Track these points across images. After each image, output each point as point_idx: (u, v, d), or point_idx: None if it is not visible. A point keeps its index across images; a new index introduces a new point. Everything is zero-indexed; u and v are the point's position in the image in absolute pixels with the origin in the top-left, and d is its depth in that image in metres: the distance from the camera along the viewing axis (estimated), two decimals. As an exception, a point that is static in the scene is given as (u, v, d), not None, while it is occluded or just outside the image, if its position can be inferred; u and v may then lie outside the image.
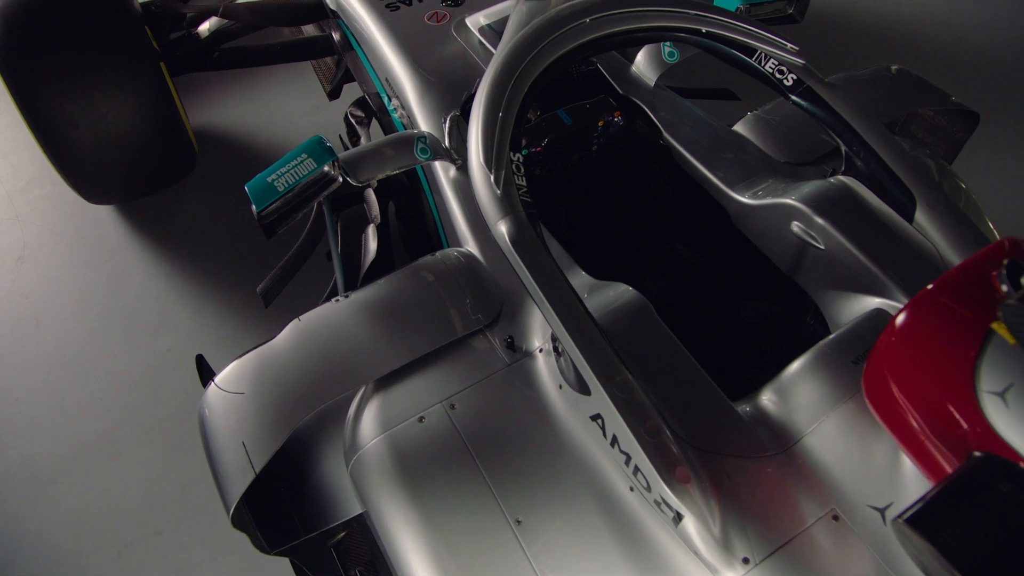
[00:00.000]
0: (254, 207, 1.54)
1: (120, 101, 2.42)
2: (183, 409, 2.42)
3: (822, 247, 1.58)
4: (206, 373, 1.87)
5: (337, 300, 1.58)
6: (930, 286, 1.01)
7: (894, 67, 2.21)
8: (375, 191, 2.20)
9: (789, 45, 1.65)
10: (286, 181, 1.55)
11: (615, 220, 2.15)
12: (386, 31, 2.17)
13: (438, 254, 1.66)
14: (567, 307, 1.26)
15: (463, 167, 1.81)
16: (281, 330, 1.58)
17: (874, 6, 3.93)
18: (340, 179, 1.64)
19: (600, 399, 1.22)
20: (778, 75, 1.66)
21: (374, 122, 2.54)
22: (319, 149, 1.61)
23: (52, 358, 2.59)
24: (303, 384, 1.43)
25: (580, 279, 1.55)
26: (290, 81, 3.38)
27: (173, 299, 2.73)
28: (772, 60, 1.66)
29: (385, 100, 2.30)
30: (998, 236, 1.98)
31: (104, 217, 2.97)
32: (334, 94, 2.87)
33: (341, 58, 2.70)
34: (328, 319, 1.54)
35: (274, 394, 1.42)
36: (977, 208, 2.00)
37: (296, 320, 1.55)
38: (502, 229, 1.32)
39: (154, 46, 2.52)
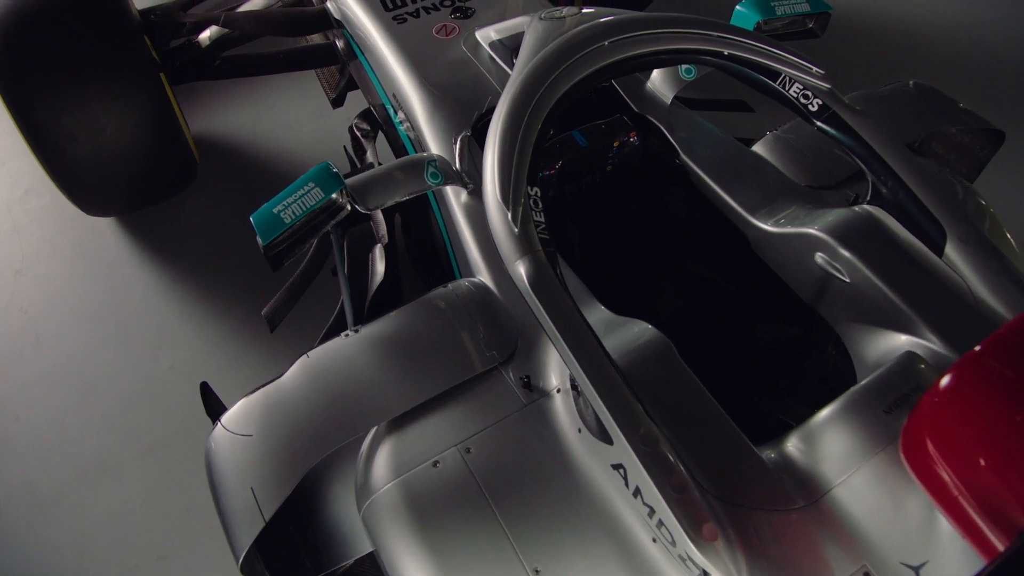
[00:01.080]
0: (260, 240, 1.48)
1: (119, 114, 2.36)
2: (186, 428, 2.38)
3: (847, 280, 1.53)
4: (211, 401, 1.83)
5: (347, 335, 1.53)
6: (978, 347, 0.96)
7: (912, 82, 2.16)
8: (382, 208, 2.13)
9: (815, 69, 1.59)
10: (293, 212, 1.50)
11: (629, 239, 2.09)
12: (393, 45, 2.11)
13: (450, 286, 1.61)
14: (589, 354, 1.21)
15: (475, 191, 1.75)
16: (286, 358, 1.53)
17: (878, 5, 3.85)
18: (348, 207, 1.59)
19: (623, 451, 1.18)
20: (803, 100, 1.60)
21: (379, 135, 2.47)
22: (327, 177, 1.55)
23: (52, 375, 2.54)
24: (313, 427, 1.39)
25: (599, 314, 1.50)
26: (292, 86, 3.30)
27: (175, 314, 2.68)
28: (797, 84, 1.60)
29: (391, 113, 2.24)
30: (1017, 250, 1.93)
31: (103, 228, 2.91)
32: (338, 102, 2.80)
33: (345, 67, 2.63)
34: (338, 356, 1.49)
35: (283, 437, 1.38)
36: (999, 226, 1.95)
37: (304, 356, 1.50)
38: (520, 270, 1.27)
39: (154, 56, 2.45)
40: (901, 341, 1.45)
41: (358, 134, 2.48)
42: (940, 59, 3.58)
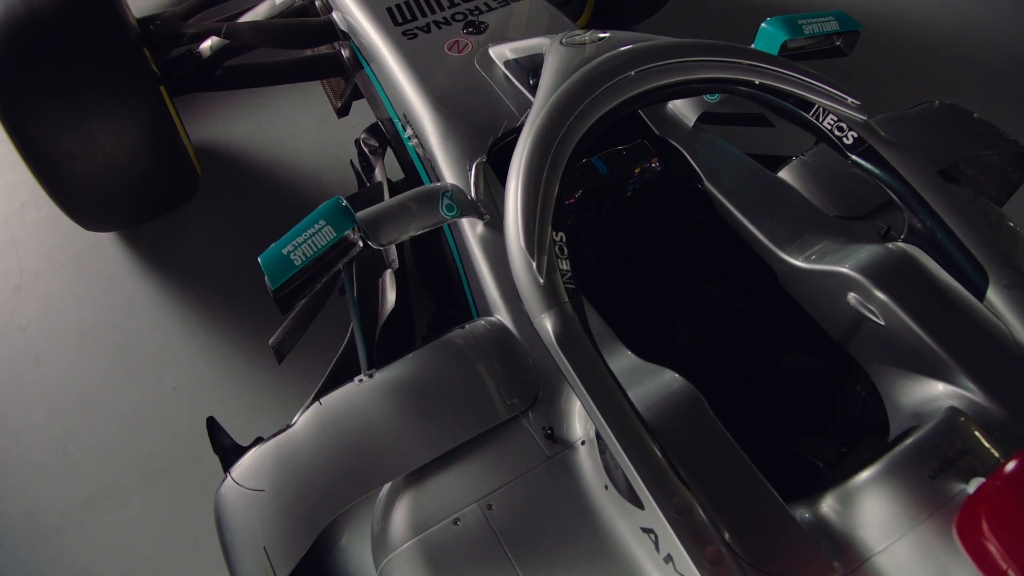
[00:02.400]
0: (269, 284, 1.42)
1: (118, 130, 2.28)
2: (192, 454, 2.32)
3: (881, 323, 1.47)
4: (218, 436, 1.77)
5: (360, 380, 1.47)
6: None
7: (938, 102, 2.08)
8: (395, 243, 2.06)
9: (850, 100, 1.52)
10: (303, 253, 1.43)
11: (648, 265, 2.03)
12: (404, 62, 2.03)
13: (467, 327, 1.54)
14: (620, 417, 1.15)
15: (491, 222, 1.68)
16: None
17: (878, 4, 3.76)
18: (360, 243, 1.52)
19: (655, 518, 1.12)
20: (837, 132, 1.53)
21: (387, 151, 2.40)
22: (338, 214, 1.48)
23: (53, 397, 2.48)
24: (328, 481, 1.33)
25: (624, 359, 1.44)
26: (294, 94, 3.21)
27: (178, 332, 2.62)
28: (831, 115, 1.53)
29: (399, 129, 2.16)
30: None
31: (104, 242, 2.84)
32: (343, 111, 2.72)
33: (351, 76, 2.55)
34: (352, 404, 1.43)
35: (296, 493, 1.32)
36: None
37: (317, 404, 1.44)
38: (546, 324, 1.21)
39: (153, 69, 2.37)
40: (939, 390, 1.39)
41: (366, 150, 2.40)
42: (940, 56, 3.49)
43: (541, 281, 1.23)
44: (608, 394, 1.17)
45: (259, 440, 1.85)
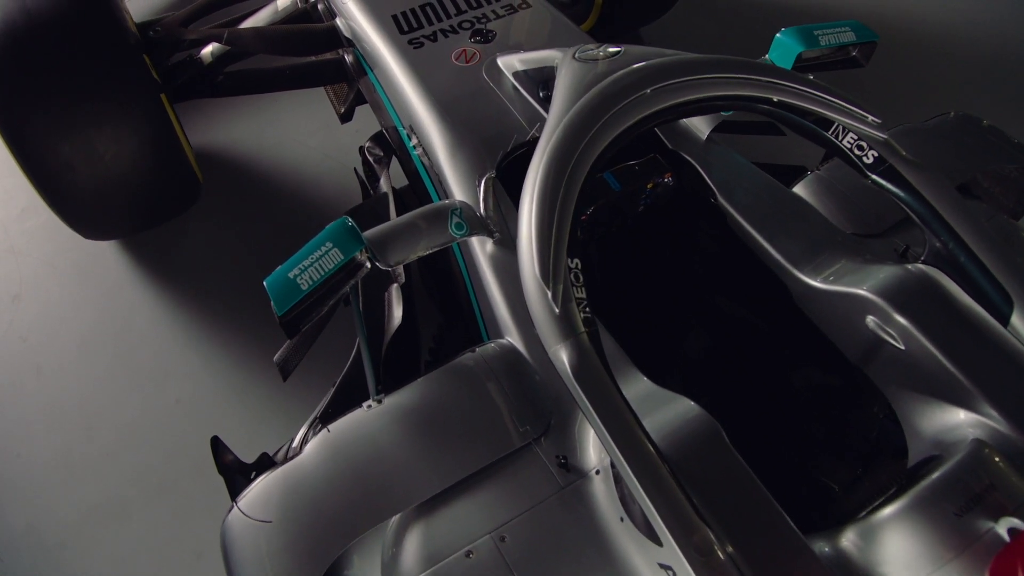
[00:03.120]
0: (275, 310, 1.38)
1: (118, 139, 2.23)
2: (196, 467, 2.29)
3: (901, 347, 1.43)
4: (223, 456, 1.74)
5: (368, 406, 1.44)
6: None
7: (953, 113, 2.04)
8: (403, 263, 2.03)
9: (870, 118, 1.48)
10: (310, 277, 1.39)
11: (659, 279, 1.99)
12: (410, 73, 1.98)
13: (478, 351, 1.51)
14: (638, 452, 1.12)
15: (501, 240, 1.65)
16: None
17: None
18: (368, 264, 1.48)
19: (674, 555, 1.09)
20: (857, 151, 1.49)
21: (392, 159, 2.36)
22: (346, 236, 1.44)
23: (54, 409, 2.45)
24: (336, 512, 1.30)
25: (640, 385, 1.41)
26: (296, 97, 3.14)
27: (181, 343, 2.58)
28: (851, 134, 1.49)
29: (404, 139, 2.12)
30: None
31: (104, 250, 2.80)
32: (346, 116, 2.67)
33: (355, 82, 2.50)
34: (360, 432, 1.40)
35: (305, 524, 1.29)
36: None
37: (325, 431, 1.41)
38: (562, 356, 1.18)
39: (154, 76, 2.32)
40: (960, 418, 1.36)
41: (370, 159, 2.36)
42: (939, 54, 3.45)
43: (556, 311, 1.19)
44: (626, 429, 1.14)
45: (264, 456, 1.82)
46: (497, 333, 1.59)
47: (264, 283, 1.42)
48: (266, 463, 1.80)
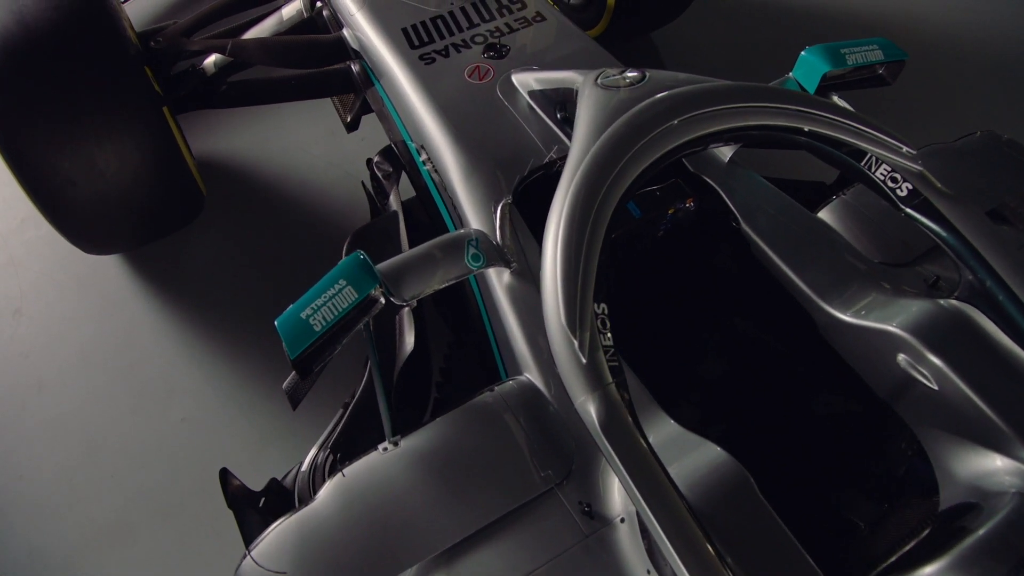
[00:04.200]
0: (288, 352, 1.33)
1: (120, 155, 2.17)
2: (202, 488, 2.25)
3: (934, 387, 1.39)
4: (232, 488, 1.69)
5: (385, 448, 1.39)
6: None
7: (979, 132, 1.98)
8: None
9: (905, 148, 1.43)
10: (324, 317, 1.34)
11: (680, 304, 1.94)
12: (422, 91, 1.92)
13: (496, 391, 1.46)
14: (668, 508, 1.08)
15: (519, 271, 1.59)
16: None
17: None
18: (382, 300, 1.43)
19: None
20: (890, 183, 1.44)
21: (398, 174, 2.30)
22: (359, 273, 1.39)
23: (56, 427, 2.41)
24: (352, 563, 1.26)
25: (666, 428, 1.36)
26: (300, 103, 3.04)
27: (185, 359, 2.53)
28: (884, 165, 1.43)
29: (414, 154, 2.06)
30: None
31: (106, 263, 2.74)
32: (352, 126, 2.61)
33: (362, 93, 2.43)
34: (376, 477, 1.35)
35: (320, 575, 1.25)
36: None
37: (340, 476, 1.36)
38: (590, 409, 1.13)
39: (155, 89, 2.25)
40: (998, 465, 1.32)
41: (379, 174, 2.30)
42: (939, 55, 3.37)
43: (583, 360, 1.15)
44: (655, 484, 1.10)
45: (273, 482, 1.78)
46: (515, 368, 1.54)
47: (275, 323, 1.37)
48: (275, 489, 1.76)
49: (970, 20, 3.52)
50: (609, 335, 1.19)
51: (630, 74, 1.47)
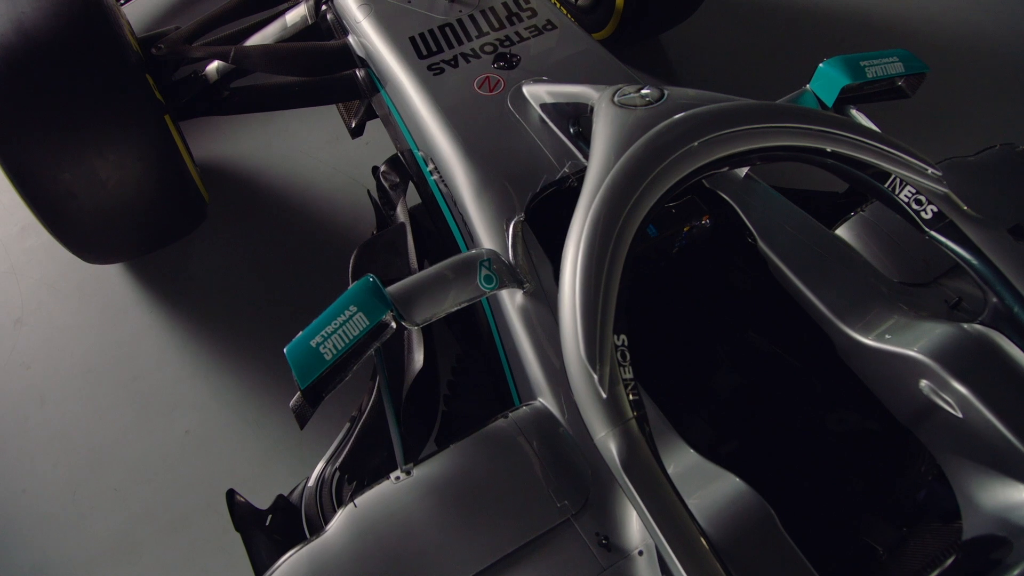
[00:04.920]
0: (298, 382, 1.30)
1: (121, 165, 2.13)
2: (207, 503, 2.23)
3: (959, 415, 1.36)
4: (240, 511, 1.66)
5: (397, 477, 1.36)
6: None
7: (998, 145, 1.94)
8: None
9: (930, 170, 1.39)
10: (334, 345, 1.30)
11: (694, 319, 1.90)
12: (431, 103, 1.88)
13: (511, 416, 1.43)
14: (690, 546, 1.05)
15: (532, 291, 1.56)
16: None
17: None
18: (393, 324, 1.39)
19: None
20: (915, 205, 1.40)
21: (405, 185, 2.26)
22: (370, 299, 1.35)
23: (59, 441, 2.38)
24: (365, 597, 1.23)
25: (687, 457, 1.33)
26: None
27: (189, 370, 2.50)
28: (909, 187, 1.40)
29: (421, 164, 2.02)
30: None
31: (108, 271, 2.71)
32: (357, 131, 2.57)
33: (367, 99, 2.39)
34: (389, 507, 1.32)
35: (332, 611, 1.23)
36: None
37: (352, 506, 1.33)
38: (610, 446, 1.10)
39: (157, 97, 2.21)
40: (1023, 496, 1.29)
41: (385, 184, 2.26)
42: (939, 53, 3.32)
43: (603, 395, 1.11)
44: (676, 521, 1.07)
45: (280, 499, 1.75)
46: (528, 392, 1.51)
47: (285, 351, 1.33)
48: (281, 506, 1.74)
49: (984, 22, 3.46)
50: (629, 367, 1.16)
51: (648, 91, 1.43)
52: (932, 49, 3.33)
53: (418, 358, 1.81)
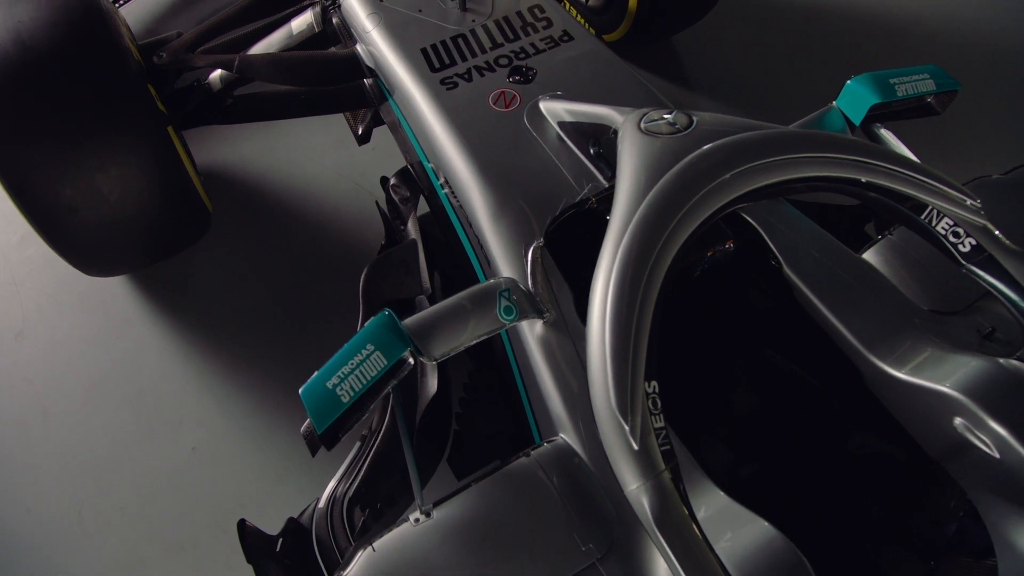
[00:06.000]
0: (315, 426, 1.25)
1: (124, 179, 2.07)
2: (215, 523, 2.20)
3: (996, 455, 1.32)
4: (251, 540, 1.62)
5: (416, 520, 1.32)
6: None
7: None
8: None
9: (969, 201, 1.33)
10: (352, 387, 1.26)
11: (716, 341, 1.86)
12: (446, 120, 1.82)
13: (533, 455, 1.38)
14: None
15: (552, 321, 1.51)
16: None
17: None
18: (411, 360, 1.35)
19: None
20: (952, 237, 1.35)
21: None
22: (389, 338, 1.30)
23: (64, 457, 2.34)
24: (386, 649, 1.20)
25: (716, 500, 1.29)
26: (309, 111, 2.98)
27: (195, 385, 2.46)
28: (946, 219, 1.35)
29: (432, 178, 1.97)
30: None
31: (111, 283, 2.65)
32: (364, 138, 2.51)
33: (376, 109, 2.33)
34: (408, 552, 1.28)
35: (352, 662, 1.19)
36: None
37: (369, 550, 1.28)
38: (643, 501, 1.06)
39: (159, 108, 2.14)
40: None
41: (395, 198, 2.20)
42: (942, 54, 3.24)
43: (635, 447, 1.07)
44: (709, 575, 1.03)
45: (291, 522, 1.71)
46: (550, 429, 1.47)
47: (300, 393, 1.29)
48: (292, 529, 1.70)
49: (1004, 22, 3.38)
50: (660, 415, 1.12)
51: (676, 117, 1.37)
52: (953, 51, 3.26)
53: (432, 383, 1.77)
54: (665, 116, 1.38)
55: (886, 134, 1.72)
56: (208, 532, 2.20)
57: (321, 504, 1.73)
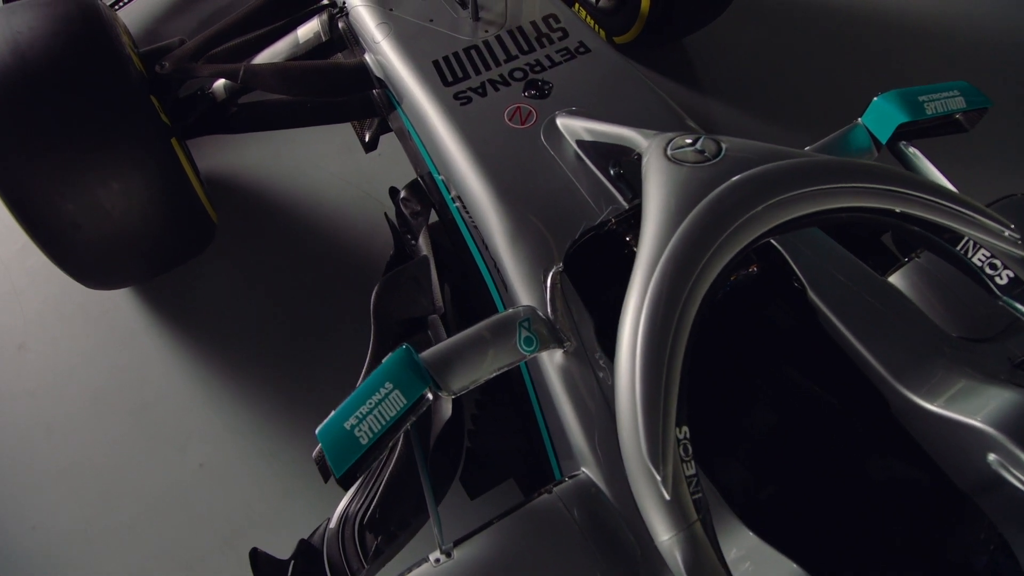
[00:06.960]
0: (333, 470, 1.21)
1: (127, 193, 2.02)
2: (224, 541, 2.17)
3: None
4: (262, 568, 1.59)
5: (437, 560, 1.29)
6: None
7: None
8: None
9: (1007, 232, 1.29)
10: (370, 428, 1.22)
11: (737, 364, 1.82)
12: (460, 137, 1.76)
13: (555, 492, 1.35)
14: None
15: (573, 350, 1.47)
16: None
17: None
18: (430, 397, 1.31)
19: None
20: (989, 269, 1.31)
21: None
22: (408, 375, 1.26)
23: (68, 474, 2.30)
24: None
25: (743, 538, 1.26)
26: (314, 116, 2.91)
27: (200, 399, 2.42)
28: (983, 250, 1.30)
29: (442, 189, 1.92)
30: None
31: (114, 294, 2.61)
32: (371, 146, 2.46)
33: (383, 115, 2.27)
34: (429, 596, 1.25)
35: None
36: None
37: (389, 593, 1.26)
38: (675, 553, 1.02)
39: (162, 120, 2.09)
40: None
41: (406, 212, 2.15)
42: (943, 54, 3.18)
43: (667, 497, 1.03)
44: None
45: (302, 544, 1.68)
46: (569, 458, 1.43)
47: (316, 434, 1.24)
48: (303, 551, 1.67)
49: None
50: (692, 462, 1.08)
51: (701, 143, 1.32)
52: (972, 52, 3.19)
53: (447, 407, 1.73)
54: (692, 142, 1.33)
55: (914, 153, 1.67)
56: (217, 550, 2.17)
57: (332, 524, 1.69)
